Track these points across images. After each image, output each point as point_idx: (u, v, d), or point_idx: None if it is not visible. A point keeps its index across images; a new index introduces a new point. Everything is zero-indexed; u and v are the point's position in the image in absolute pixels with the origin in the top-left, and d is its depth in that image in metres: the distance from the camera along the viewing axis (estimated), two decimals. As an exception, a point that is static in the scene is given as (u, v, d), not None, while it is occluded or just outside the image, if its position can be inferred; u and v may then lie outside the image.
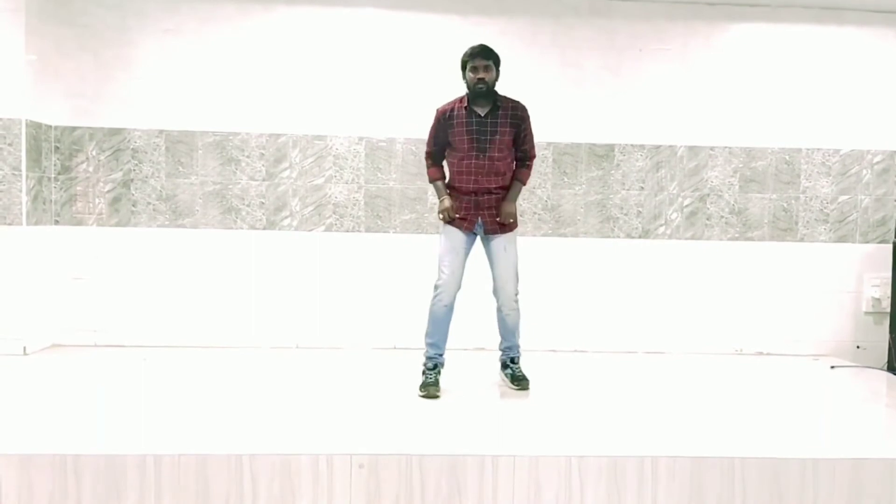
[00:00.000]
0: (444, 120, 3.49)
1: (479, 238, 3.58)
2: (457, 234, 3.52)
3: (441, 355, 3.55)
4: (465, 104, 3.47)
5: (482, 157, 3.44)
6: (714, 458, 2.62)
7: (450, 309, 3.50)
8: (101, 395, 3.34)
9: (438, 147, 3.58)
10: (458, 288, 3.51)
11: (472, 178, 3.47)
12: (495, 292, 3.55)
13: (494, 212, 3.50)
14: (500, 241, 3.51)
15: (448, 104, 3.53)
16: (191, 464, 2.49)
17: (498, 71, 3.46)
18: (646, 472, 2.58)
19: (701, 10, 4.58)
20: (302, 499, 2.51)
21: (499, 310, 3.57)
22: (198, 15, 4.43)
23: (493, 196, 3.50)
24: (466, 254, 3.54)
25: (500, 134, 3.43)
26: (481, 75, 3.38)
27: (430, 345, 3.54)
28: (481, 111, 3.45)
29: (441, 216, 3.55)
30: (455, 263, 3.48)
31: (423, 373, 3.50)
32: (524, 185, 3.61)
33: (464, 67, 3.46)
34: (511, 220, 3.52)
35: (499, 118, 3.45)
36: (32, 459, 2.48)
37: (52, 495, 2.46)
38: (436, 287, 3.49)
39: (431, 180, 3.62)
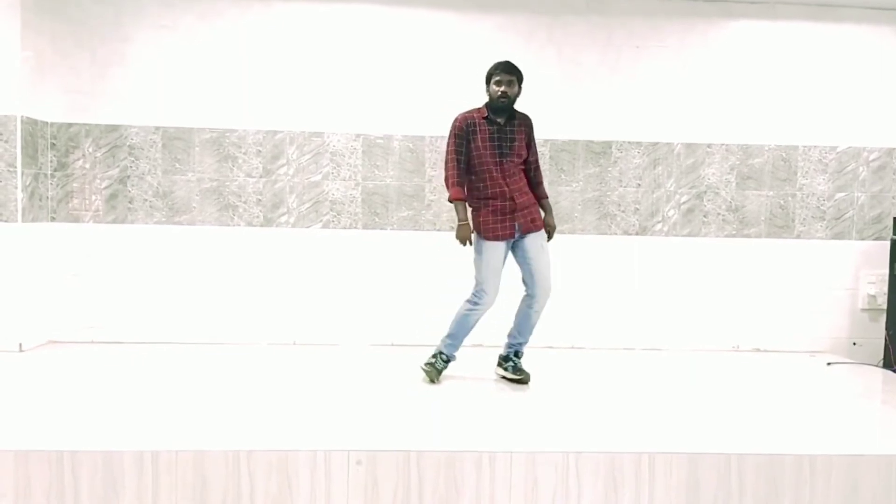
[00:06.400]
0: (466, 129, 3.52)
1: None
2: (498, 251, 3.52)
3: (455, 354, 3.68)
4: (485, 115, 3.54)
5: (505, 161, 3.52)
6: (711, 455, 2.62)
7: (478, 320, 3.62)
8: (97, 392, 3.34)
9: (462, 160, 3.53)
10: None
11: (503, 181, 3.51)
12: (533, 291, 3.56)
13: (527, 211, 3.54)
14: (535, 238, 3.57)
15: (465, 114, 3.56)
16: (188, 460, 2.49)
17: (520, 87, 3.55)
18: (643, 469, 2.59)
19: (698, 7, 4.58)
20: (299, 495, 2.51)
21: (530, 306, 3.58)
22: (194, 11, 4.41)
23: (524, 196, 3.55)
24: (504, 263, 3.58)
25: (518, 140, 3.56)
26: (504, 89, 3.48)
27: (450, 345, 3.65)
28: (500, 120, 3.55)
29: (460, 241, 3.52)
30: (497, 283, 3.54)
31: (435, 356, 3.63)
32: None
33: (488, 80, 3.55)
34: (552, 231, 3.68)
35: (515, 126, 3.57)
36: (30, 456, 2.47)
37: (49, 491, 2.46)
38: (475, 302, 3.55)
39: (454, 199, 3.52)
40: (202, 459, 2.50)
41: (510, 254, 3.59)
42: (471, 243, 3.55)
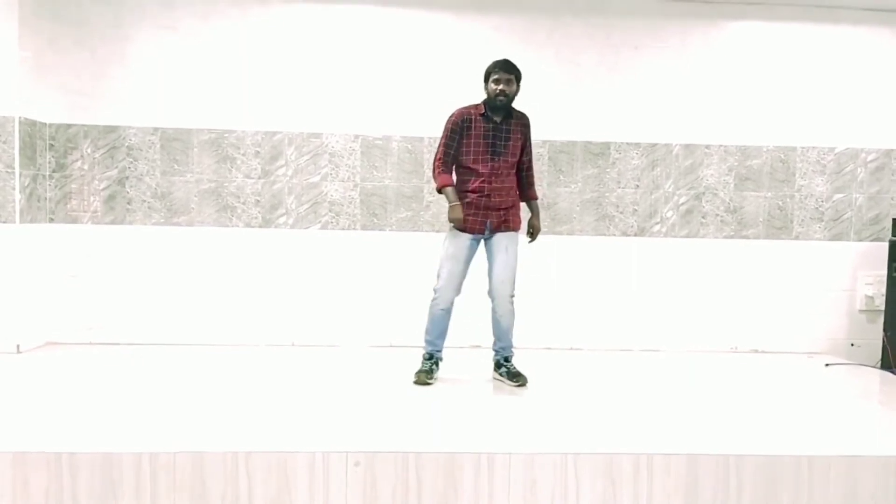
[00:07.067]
0: (461, 124, 3.53)
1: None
2: (462, 240, 3.56)
3: (439, 351, 3.69)
4: (483, 111, 3.54)
5: (497, 160, 3.53)
6: (709, 456, 2.62)
7: (447, 312, 3.61)
8: (96, 393, 3.33)
9: (452, 154, 3.56)
10: (457, 293, 3.60)
11: (487, 179, 3.52)
12: (490, 293, 3.59)
13: (502, 212, 3.55)
14: (502, 238, 3.57)
15: (463, 110, 3.57)
16: (187, 462, 2.49)
17: (518, 86, 3.55)
18: (641, 470, 2.59)
19: (697, 8, 4.59)
20: (298, 497, 2.51)
21: (493, 311, 3.60)
22: (194, 11, 4.41)
23: (502, 197, 3.55)
24: (469, 259, 3.59)
25: (514, 140, 3.56)
26: (503, 87, 3.47)
27: (428, 341, 3.68)
28: (497, 118, 3.54)
29: (453, 223, 3.54)
30: (454, 270, 3.55)
31: (421, 363, 3.66)
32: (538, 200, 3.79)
33: (486, 78, 3.54)
34: (536, 232, 3.70)
35: (512, 125, 3.57)
36: (27, 457, 2.47)
37: (47, 493, 2.46)
38: (434, 291, 3.60)
39: (442, 186, 3.53)
40: (201, 461, 2.49)
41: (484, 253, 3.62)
42: (462, 226, 3.53)
